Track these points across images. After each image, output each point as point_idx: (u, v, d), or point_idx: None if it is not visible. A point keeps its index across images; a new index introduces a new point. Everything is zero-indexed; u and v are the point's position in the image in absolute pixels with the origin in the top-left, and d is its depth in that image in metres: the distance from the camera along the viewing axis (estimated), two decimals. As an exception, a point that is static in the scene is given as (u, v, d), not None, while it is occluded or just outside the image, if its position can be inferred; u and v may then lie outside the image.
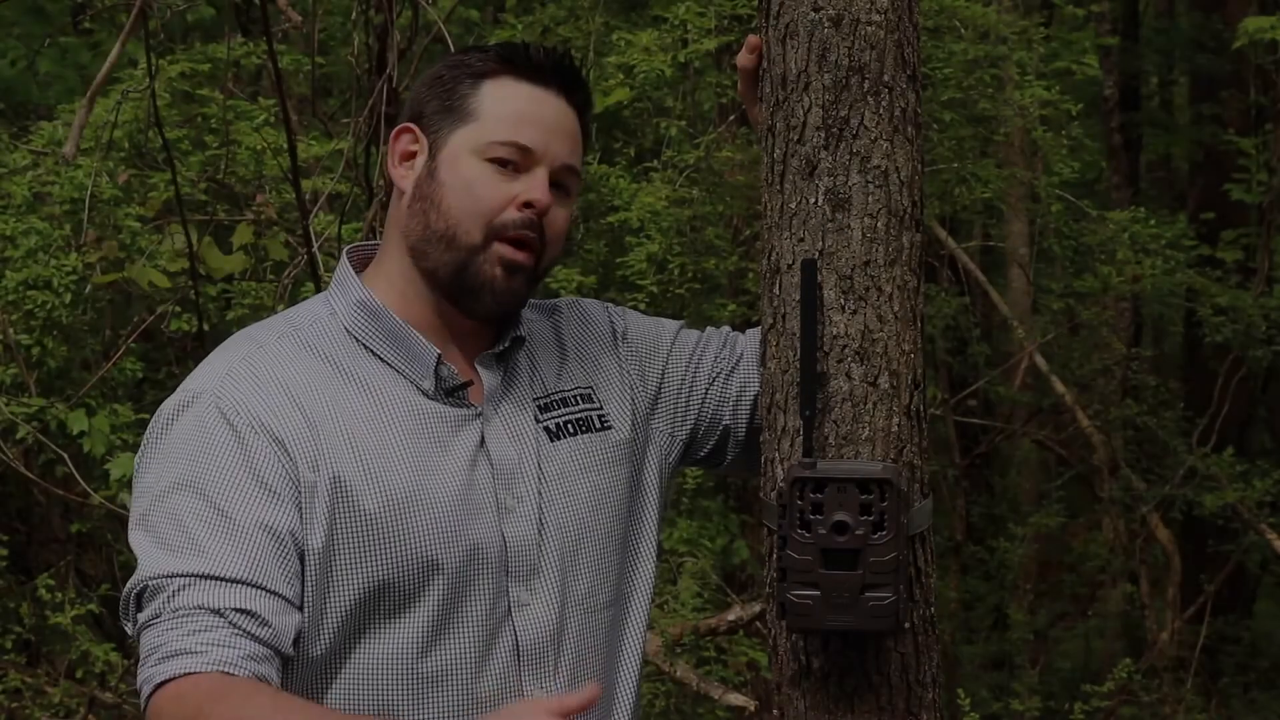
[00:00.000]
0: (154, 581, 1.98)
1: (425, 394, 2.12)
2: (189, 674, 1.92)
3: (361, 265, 2.21)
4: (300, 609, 2.01)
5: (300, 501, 2.01)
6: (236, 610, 1.94)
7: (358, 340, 2.13)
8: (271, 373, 2.07)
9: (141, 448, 2.09)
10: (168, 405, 2.07)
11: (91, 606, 6.06)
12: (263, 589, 1.96)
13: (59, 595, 6.05)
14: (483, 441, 2.13)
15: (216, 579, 1.95)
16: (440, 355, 2.12)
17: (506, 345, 2.19)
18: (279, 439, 2.02)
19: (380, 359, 2.12)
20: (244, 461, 2.01)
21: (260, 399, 2.04)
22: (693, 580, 6.05)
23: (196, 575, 1.96)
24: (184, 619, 1.94)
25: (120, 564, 6.39)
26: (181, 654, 1.93)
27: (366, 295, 2.14)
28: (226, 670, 1.92)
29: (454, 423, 2.12)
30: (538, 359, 2.24)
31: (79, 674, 6.10)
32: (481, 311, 2.14)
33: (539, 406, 2.20)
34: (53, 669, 6.27)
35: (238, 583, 1.95)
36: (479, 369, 2.17)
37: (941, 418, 8.78)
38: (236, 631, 1.94)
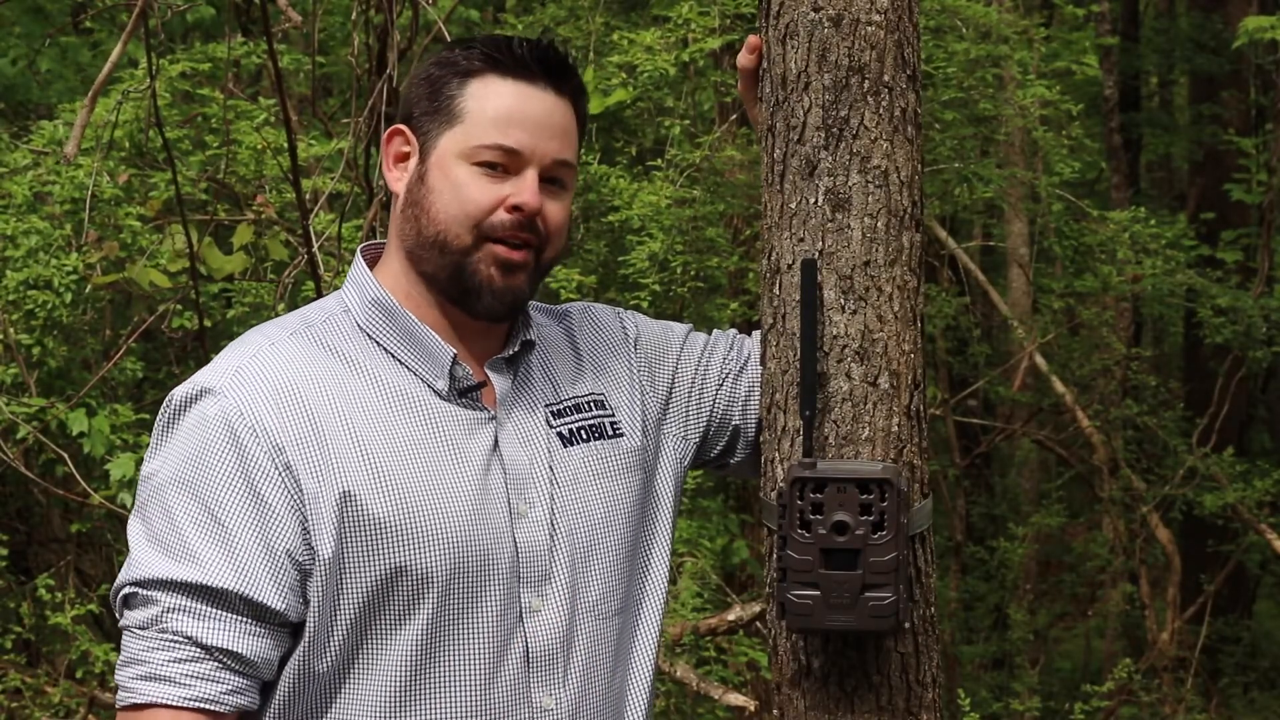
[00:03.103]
0: (146, 590, 2.00)
1: (439, 394, 2.11)
2: (167, 705, 1.96)
3: (371, 264, 2.20)
4: (290, 624, 2.02)
5: (304, 511, 2.01)
6: (223, 651, 1.98)
7: (370, 337, 2.13)
8: (281, 372, 2.06)
9: (152, 433, 2.10)
10: (177, 394, 2.07)
11: (91, 606, 6.05)
12: (252, 602, 1.99)
13: (59, 595, 6.05)
14: (496, 445, 2.12)
15: (209, 590, 1.98)
16: (455, 355, 2.12)
17: (516, 350, 2.18)
18: (280, 445, 2.02)
19: (393, 356, 2.12)
20: (241, 470, 2.01)
21: (265, 401, 2.04)
22: (693, 580, 6.05)
23: (189, 585, 1.98)
24: (172, 644, 1.98)
25: (120, 564, 6.37)
26: (164, 680, 1.98)
27: (383, 294, 2.14)
28: (207, 708, 1.98)
29: (468, 425, 2.12)
30: (550, 364, 2.24)
31: (79, 674, 6.10)
32: (484, 312, 2.13)
33: (551, 412, 2.19)
34: (53, 669, 6.27)
35: (229, 594, 1.98)
36: (490, 373, 2.16)
37: (941, 418, 8.78)
38: (220, 667, 1.99)
